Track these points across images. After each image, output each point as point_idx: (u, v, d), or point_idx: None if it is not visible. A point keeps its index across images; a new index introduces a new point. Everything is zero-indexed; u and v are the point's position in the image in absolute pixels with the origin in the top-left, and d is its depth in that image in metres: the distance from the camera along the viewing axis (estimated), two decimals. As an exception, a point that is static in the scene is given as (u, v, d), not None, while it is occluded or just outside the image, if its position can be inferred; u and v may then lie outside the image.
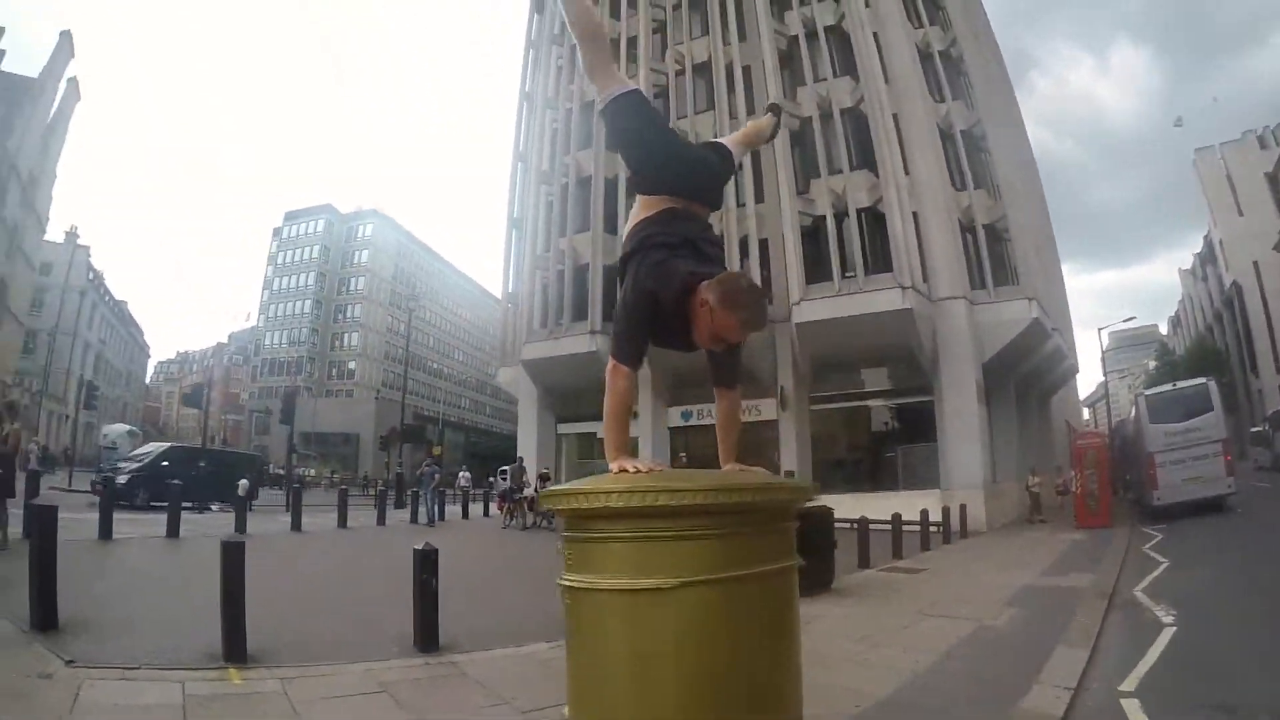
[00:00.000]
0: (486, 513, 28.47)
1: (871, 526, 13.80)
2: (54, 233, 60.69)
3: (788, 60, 27.50)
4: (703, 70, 29.54)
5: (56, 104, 53.15)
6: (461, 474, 33.16)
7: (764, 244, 26.51)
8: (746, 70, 27.88)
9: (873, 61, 25.32)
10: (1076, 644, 6.85)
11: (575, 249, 30.86)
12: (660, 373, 26.89)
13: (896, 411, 25.46)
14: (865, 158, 24.94)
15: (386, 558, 12.74)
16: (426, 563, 6.44)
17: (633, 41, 31.21)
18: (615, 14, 32.18)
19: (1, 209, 44.79)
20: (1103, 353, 44.70)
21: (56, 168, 55.79)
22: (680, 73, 30.08)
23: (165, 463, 21.82)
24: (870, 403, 25.75)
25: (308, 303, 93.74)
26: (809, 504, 16.07)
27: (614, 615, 2.09)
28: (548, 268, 32.04)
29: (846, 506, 15.04)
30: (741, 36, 28.25)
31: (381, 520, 20.59)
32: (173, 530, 13.87)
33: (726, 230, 26.38)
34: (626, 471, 2.34)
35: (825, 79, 26.26)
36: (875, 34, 25.78)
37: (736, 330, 2.38)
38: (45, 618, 6.01)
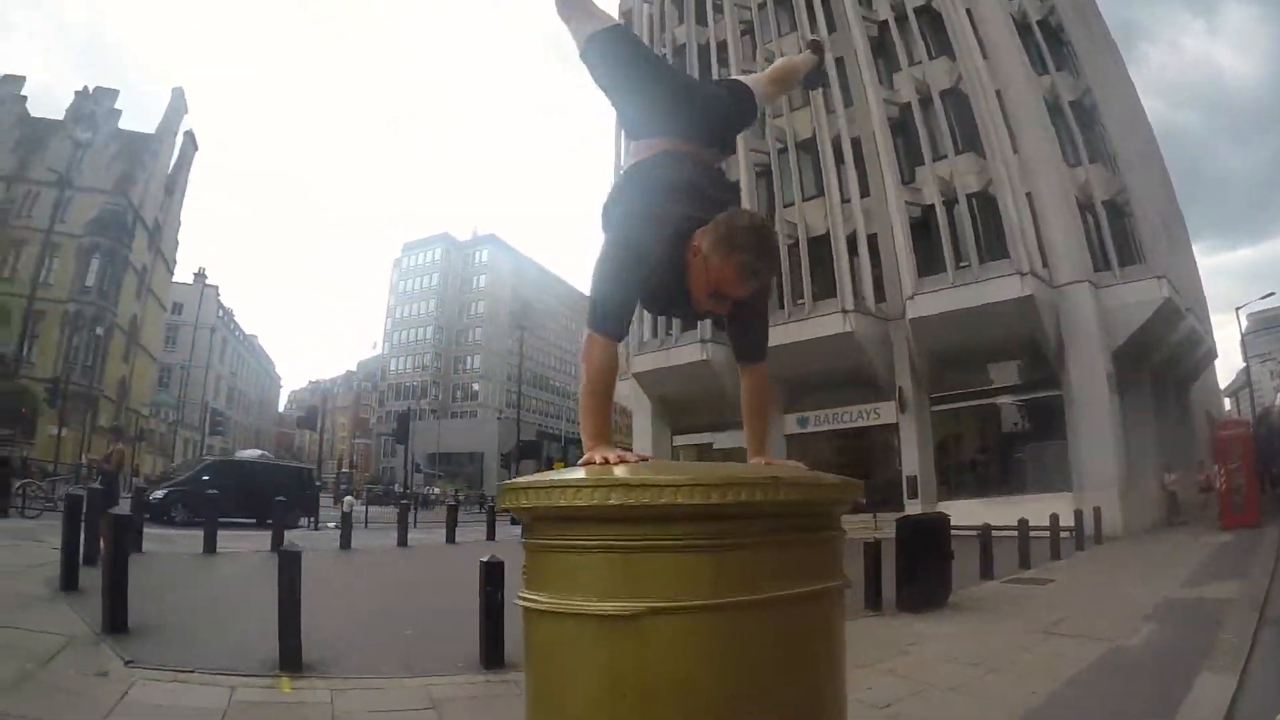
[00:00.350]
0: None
1: (996, 534, 12.94)
2: (183, 274, 66.85)
3: (880, 47, 26.75)
4: (795, 66, 28.90)
5: (175, 156, 58.41)
6: None
7: (873, 239, 25.65)
8: (839, 61, 27.16)
9: (968, 38, 24.32)
10: (1223, 668, 6.06)
11: None
12: (773, 372, 26.21)
13: (1022, 408, 23.93)
14: (970, 140, 23.88)
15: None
16: (492, 575, 6.25)
17: (722, 46, 31.05)
18: (702, 20, 32.23)
19: (130, 254, 49.02)
20: (1242, 336, 41.86)
21: (180, 214, 61.51)
22: (773, 73, 29.57)
23: (206, 477, 21.13)
24: (994, 400, 24.18)
25: (429, 329, 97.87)
26: (925, 513, 15.45)
27: (577, 646, 1.58)
28: None
29: (972, 513, 14.29)
30: (831, 28, 27.56)
31: (491, 536, 20.44)
32: (209, 546, 13.32)
33: (833, 227, 25.88)
34: (597, 463, 1.87)
35: (921, 62, 25.43)
36: (968, 10, 24.75)
37: (736, 278, 1.97)
38: (115, 620, 6.25)
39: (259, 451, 52.22)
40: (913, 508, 21.19)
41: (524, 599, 1.69)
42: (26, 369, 42.22)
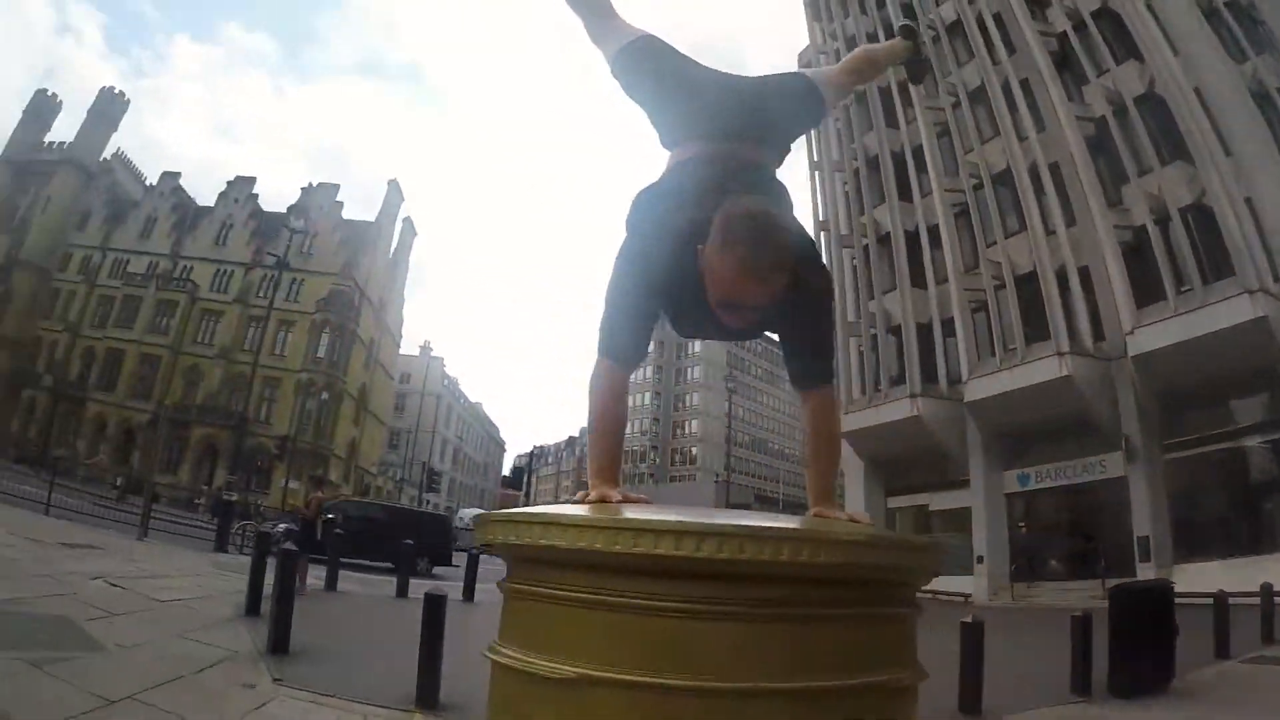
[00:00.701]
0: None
1: (1236, 601, 11.28)
2: (410, 347, 77.15)
3: (1063, 61, 25.01)
4: (979, 96, 27.78)
5: (395, 240, 67.72)
6: None
7: (1084, 272, 23.50)
8: (1024, 84, 25.73)
9: (1154, 35, 22.10)
10: None
11: (885, 310, 30.44)
12: (987, 426, 24.82)
13: (1271, 451, 20.18)
14: (1176, 147, 21.44)
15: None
16: None
17: (918, 152, 30.28)
18: (893, 123, 31.89)
19: (358, 328, 56.81)
20: None
21: (404, 291, 71.64)
22: (956, 105, 28.57)
23: (330, 516, 21.56)
24: (1238, 443, 20.66)
25: (647, 394, 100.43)
26: (1142, 580, 13.73)
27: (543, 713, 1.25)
28: (860, 334, 31.93)
29: (1212, 578, 12.54)
30: (1010, 50, 26.14)
31: None
32: (331, 584, 13.82)
33: (1039, 263, 24.15)
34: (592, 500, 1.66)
35: (1108, 70, 23.41)
36: (1148, 4, 22.44)
37: (736, 279, 1.61)
38: (278, 643, 7.05)
39: (480, 510, 56.53)
40: (1145, 572, 18.89)
41: (497, 652, 1.36)
42: (263, 428, 50.57)
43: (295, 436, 45.84)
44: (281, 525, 22.32)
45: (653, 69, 2.26)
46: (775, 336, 1.91)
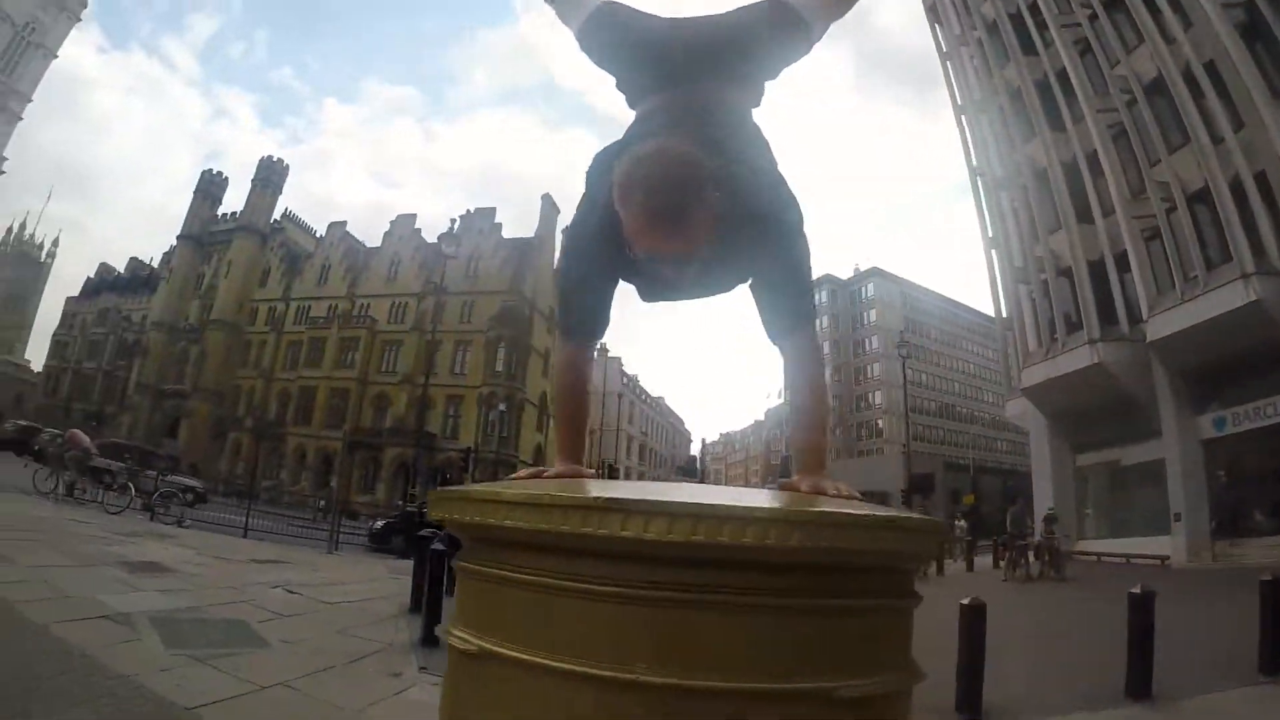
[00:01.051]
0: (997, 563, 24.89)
1: None
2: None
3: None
4: (1116, 2, 25.36)
5: (557, 251, 70.67)
6: (957, 524, 30.29)
7: (1261, 179, 20.53)
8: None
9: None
10: None
11: (1053, 252, 28.71)
12: (1175, 366, 22.83)
13: None
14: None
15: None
16: (976, 619, 6.16)
17: (1063, 76, 28.02)
18: (1030, 49, 29.63)
19: (531, 340, 60.88)
20: None
21: None
22: (1093, 16, 26.49)
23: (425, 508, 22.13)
24: None
25: (826, 370, 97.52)
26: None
27: (505, 703, 1.18)
28: (1029, 279, 30.35)
29: None
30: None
31: None
32: None
33: (1210, 176, 21.64)
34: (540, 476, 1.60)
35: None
36: None
37: (642, 230, 1.46)
38: (427, 635, 7.43)
39: None
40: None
41: (455, 635, 1.28)
42: (450, 443, 54.75)
43: (479, 447, 48.72)
44: (379, 522, 24.22)
45: (609, 35, 2.09)
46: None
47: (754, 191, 1.65)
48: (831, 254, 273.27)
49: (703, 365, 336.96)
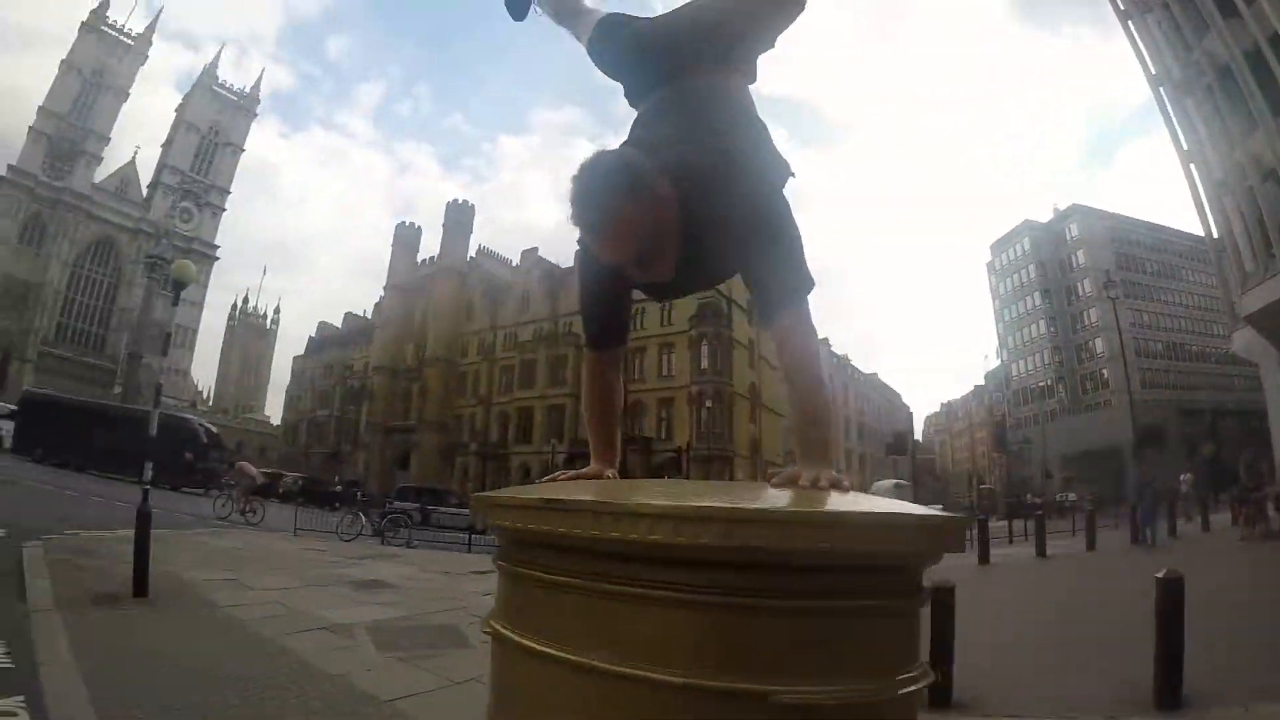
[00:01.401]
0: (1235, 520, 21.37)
1: None
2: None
3: None
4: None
5: None
6: (1182, 477, 28.28)
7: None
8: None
9: None
10: None
11: (1253, 155, 25.35)
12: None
13: None
14: None
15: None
16: (1171, 594, 5.29)
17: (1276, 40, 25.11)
18: (1230, 12, 26.51)
19: (733, 333, 61.30)
20: None
21: None
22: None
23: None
24: None
25: (1040, 323, 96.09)
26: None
27: (537, 691, 1.26)
28: (1233, 190, 26.85)
29: None
30: None
31: (1092, 545, 19.06)
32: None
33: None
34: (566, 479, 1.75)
35: None
36: None
37: (590, 244, 1.59)
38: None
39: (893, 481, 58.52)
40: None
41: (494, 625, 1.40)
42: (665, 444, 57.20)
43: (694, 445, 51.42)
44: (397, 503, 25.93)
45: (609, 46, 2.15)
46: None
47: (731, 177, 1.63)
48: (1027, 198, 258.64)
49: (914, 337, 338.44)
